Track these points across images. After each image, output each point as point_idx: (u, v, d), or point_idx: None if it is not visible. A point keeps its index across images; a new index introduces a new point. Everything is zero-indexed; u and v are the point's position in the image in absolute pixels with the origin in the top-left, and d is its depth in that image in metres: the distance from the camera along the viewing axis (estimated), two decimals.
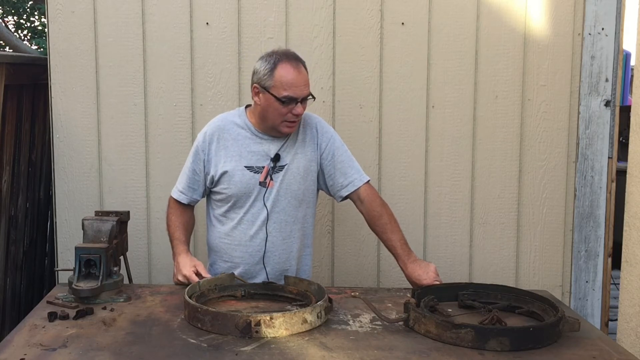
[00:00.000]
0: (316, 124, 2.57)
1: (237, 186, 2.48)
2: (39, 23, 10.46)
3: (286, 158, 2.49)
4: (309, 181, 2.53)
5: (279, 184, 2.48)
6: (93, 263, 2.24)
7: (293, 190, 2.49)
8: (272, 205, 2.48)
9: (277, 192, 2.48)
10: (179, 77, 3.07)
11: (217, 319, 1.93)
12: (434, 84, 3.10)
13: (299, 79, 2.37)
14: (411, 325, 1.97)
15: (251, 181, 2.47)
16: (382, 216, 2.51)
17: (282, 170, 2.49)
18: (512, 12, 3.09)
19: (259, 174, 2.47)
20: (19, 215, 3.35)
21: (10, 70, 3.05)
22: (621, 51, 3.11)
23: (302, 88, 2.37)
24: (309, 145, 2.53)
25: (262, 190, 2.48)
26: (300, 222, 2.55)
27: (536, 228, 3.19)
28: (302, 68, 2.40)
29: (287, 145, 2.50)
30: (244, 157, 2.48)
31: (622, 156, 3.17)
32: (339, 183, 2.55)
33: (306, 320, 1.94)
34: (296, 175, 2.49)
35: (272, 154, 2.48)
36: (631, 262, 2.33)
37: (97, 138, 3.10)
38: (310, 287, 2.23)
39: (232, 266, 2.54)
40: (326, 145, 2.55)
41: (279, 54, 2.41)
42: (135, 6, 3.03)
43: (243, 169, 2.48)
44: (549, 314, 2.04)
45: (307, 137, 2.54)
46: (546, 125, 3.14)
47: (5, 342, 1.87)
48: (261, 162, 2.48)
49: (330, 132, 2.59)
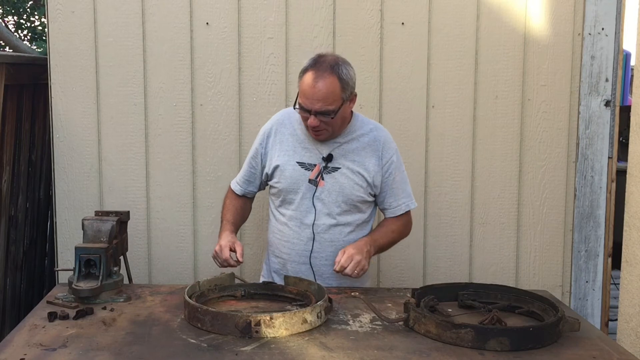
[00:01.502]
0: (382, 138, 2.51)
1: (287, 181, 2.47)
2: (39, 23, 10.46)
3: (340, 161, 2.45)
4: (364, 189, 2.47)
5: (330, 185, 2.45)
6: (93, 263, 2.23)
7: (346, 194, 2.45)
8: (320, 206, 2.45)
9: (329, 192, 2.45)
10: (179, 77, 3.07)
11: (217, 319, 1.93)
12: (434, 84, 3.10)
13: (312, 91, 2.29)
14: (411, 325, 1.96)
15: (301, 177, 2.46)
16: (390, 223, 2.55)
17: (335, 172, 2.45)
18: (512, 12, 3.09)
19: (309, 171, 2.46)
20: (19, 215, 3.35)
21: (10, 70, 3.05)
22: (621, 51, 3.11)
23: (313, 101, 2.30)
24: (369, 157, 2.47)
25: (312, 189, 2.45)
26: (351, 227, 2.50)
27: (536, 228, 3.20)
28: (324, 82, 2.28)
29: (342, 148, 2.46)
30: (297, 152, 2.47)
31: (622, 156, 3.17)
32: (387, 203, 2.54)
33: (306, 320, 1.94)
34: (350, 180, 2.45)
35: (325, 154, 2.46)
36: (631, 262, 2.34)
37: (97, 138, 3.10)
38: (311, 287, 2.23)
39: (281, 262, 2.54)
40: (387, 163, 2.49)
41: (316, 59, 2.34)
42: (135, 6, 3.03)
43: (295, 164, 2.46)
44: (549, 314, 2.04)
45: (369, 148, 2.48)
46: (546, 125, 3.14)
47: (5, 342, 1.87)
48: (314, 160, 2.46)
49: (393, 150, 2.53)
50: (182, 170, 3.12)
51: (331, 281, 2.46)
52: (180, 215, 3.15)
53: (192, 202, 3.13)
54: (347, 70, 2.35)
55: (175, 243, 3.16)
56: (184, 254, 3.16)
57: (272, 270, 2.59)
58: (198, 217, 3.14)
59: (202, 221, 3.14)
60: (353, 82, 2.38)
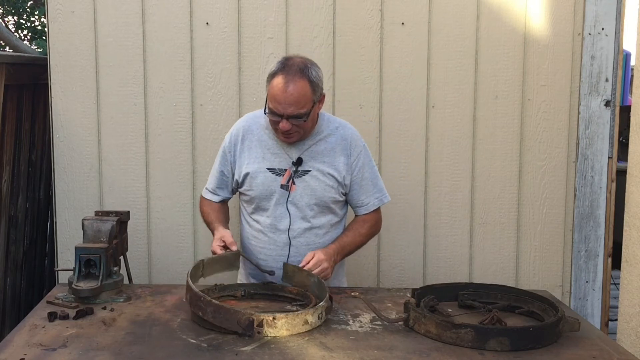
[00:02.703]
0: (349, 137, 2.50)
1: (259, 188, 2.45)
2: (39, 23, 10.45)
3: (310, 163, 2.44)
4: (335, 189, 2.46)
5: (301, 189, 2.43)
6: (93, 263, 2.24)
7: (318, 196, 2.44)
8: (294, 210, 2.44)
9: (301, 196, 2.43)
10: (179, 77, 3.07)
11: (219, 312, 1.90)
12: (434, 84, 3.10)
13: (284, 96, 2.25)
14: (411, 325, 1.97)
15: (273, 184, 2.44)
16: (359, 226, 2.53)
17: (306, 175, 2.44)
18: (512, 12, 3.09)
19: (280, 177, 2.44)
20: (19, 215, 3.35)
21: (10, 70, 3.05)
22: (621, 51, 3.11)
23: (285, 106, 2.27)
24: (338, 155, 2.46)
25: (285, 194, 2.44)
26: (326, 229, 2.49)
27: (536, 228, 3.20)
28: (294, 86, 2.25)
29: (311, 150, 2.45)
30: (266, 158, 2.45)
31: (622, 156, 3.17)
32: (359, 200, 2.52)
33: (307, 321, 1.94)
34: (321, 182, 2.44)
35: (295, 158, 2.44)
36: (631, 262, 2.34)
37: (97, 138, 3.10)
38: (310, 279, 2.22)
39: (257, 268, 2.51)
40: (355, 160, 2.48)
41: (284, 63, 2.32)
42: (135, 6, 3.03)
43: (265, 170, 2.45)
44: (549, 314, 2.04)
45: (338, 147, 2.47)
46: (546, 125, 3.14)
47: (5, 342, 1.87)
48: (283, 165, 2.44)
49: (361, 147, 2.52)
50: (182, 170, 3.12)
51: None
52: (180, 215, 3.15)
53: (192, 202, 3.13)
54: (316, 72, 2.34)
55: (175, 243, 3.16)
56: (184, 254, 3.16)
57: (249, 274, 2.57)
58: (198, 217, 3.13)
59: (202, 221, 3.13)
60: (322, 83, 2.38)
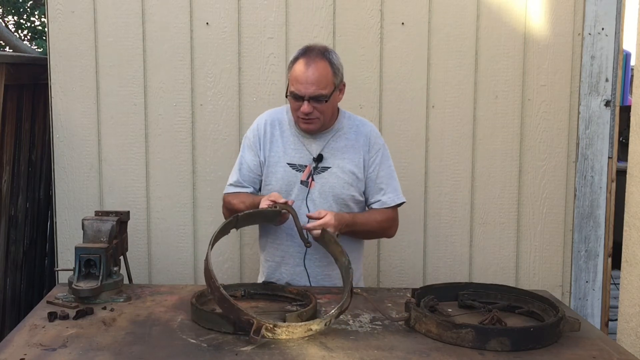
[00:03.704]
0: (369, 133, 2.50)
1: (278, 183, 2.44)
2: (39, 23, 10.46)
3: (330, 160, 2.44)
4: (355, 186, 2.45)
5: (321, 185, 2.43)
6: (93, 263, 2.23)
7: (336, 194, 2.43)
8: (313, 207, 2.42)
9: (319, 193, 2.42)
10: (179, 77, 3.07)
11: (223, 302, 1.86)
12: (434, 84, 3.10)
13: (305, 76, 2.29)
14: (412, 324, 1.96)
15: (293, 179, 2.43)
16: (376, 213, 2.49)
17: (326, 171, 2.43)
18: (512, 12, 3.09)
19: (301, 173, 2.44)
20: (19, 215, 3.35)
21: (10, 70, 3.05)
22: (621, 51, 3.11)
23: (306, 86, 2.29)
24: (357, 152, 2.46)
25: (304, 190, 2.43)
26: None
27: (536, 228, 3.20)
28: (315, 65, 2.30)
29: (331, 147, 2.45)
30: (287, 153, 2.45)
31: (622, 156, 3.17)
32: (374, 198, 2.50)
33: (311, 329, 1.91)
34: (340, 179, 2.43)
35: (315, 154, 2.44)
36: (631, 262, 2.33)
37: (97, 138, 3.10)
38: (342, 259, 2.15)
39: (275, 266, 2.50)
40: (374, 157, 2.48)
41: (305, 48, 2.36)
42: (135, 6, 3.03)
43: (285, 165, 2.44)
44: (549, 314, 2.04)
45: (357, 144, 2.47)
46: (546, 125, 3.14)
47: (5, 342, 1.87)
48: (304, 161, 2.44)
49: (380, 144, 2.51)
50: (182, 170, 3.12)
51: (325, 282, 2.45)
52: (180, 215, 3.15)
53: (192, 202, 3.13)
54: (336, 57, 2.39)
55: (175, 243, 3.16)
56: (184, 254, 3.16)
57: (265, 274, 2.55)
58: (198, 217, 3.14)
59: (202, 221, 3.14)
60: (342, 70, 2.40)
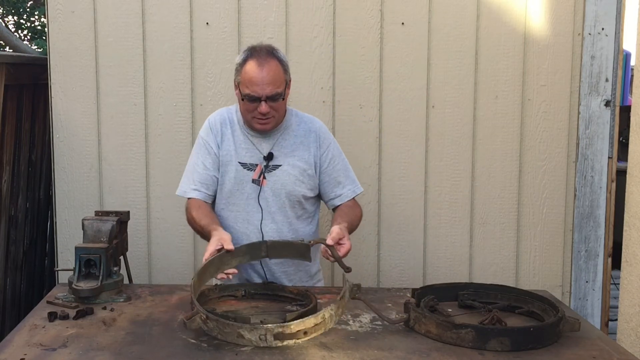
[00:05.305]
0: (317, 130, 2.51)
1: (231, 182, 2.45)
2: (39, 23, 10.46)
3: (281, 158, 2.45)
4: (306, 183, 2.47)
5: (272, 183, 2.44)
6: (93, 263, 2.23)
7: (288, 191, 2.44)
8: (266, 205, 2.44)
9: (272, 191, 2.44)
10: (179, 77, 3.07)
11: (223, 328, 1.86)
12: (434, 84, 3.10)
13: (260, 77, 2.29)
14: (412, 325, 1.96)
15: (245, 178, 2.44)
16: (350, 210, 2.49)
17: (277, 169, 2.45)
18: (512, 12, 3.09)
19: (252, 172, 2.44)
20: (19, 215, 3.35)
21: (10, 70, 3.05)
22: (621, 51, 3.11)
23: (263, 87, 2.29)
24: (307, 149, 2.48)
25: (256, 189, 2.44)
26: (298, 224, 2.50)
27: (536, 228, 3.20)
28: (269, 66, 2.30)
29: (280, 145, 2.46)
30: (239, 153, 2.46)
31: (622, 156, 3.17)
32: (333, 192, 2.51)
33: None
34: (291, 177, 2.45)
35: (266, 153, 2.45)
36: (631, 262, 2.33)
37: (97, 138, 3.10)
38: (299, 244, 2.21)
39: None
40: (325, 152, 2.49)
41: (251, 50, 2.36)
42: (135, 6, 3.03)
43: (237, 164, 2.45)
44: (549, 314, 2.04)
45: (307, 141, 2.49)
46: (546, 125, 3.14)
47: (5, 342, 1.87)
48: (255, 160, 2.45)
49: (330, 139, 2.54)
50: (182, 170, 3.09)
51: (282, 279, 2.46)
52: (180, 215, 3.12)
53: None
54: (283, 55, 2.40)
55: (175, 243, 3.16)
56: (184, 254, 3.16)
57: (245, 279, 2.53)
58: None
59: None
60: (289, 68, 2.41)
